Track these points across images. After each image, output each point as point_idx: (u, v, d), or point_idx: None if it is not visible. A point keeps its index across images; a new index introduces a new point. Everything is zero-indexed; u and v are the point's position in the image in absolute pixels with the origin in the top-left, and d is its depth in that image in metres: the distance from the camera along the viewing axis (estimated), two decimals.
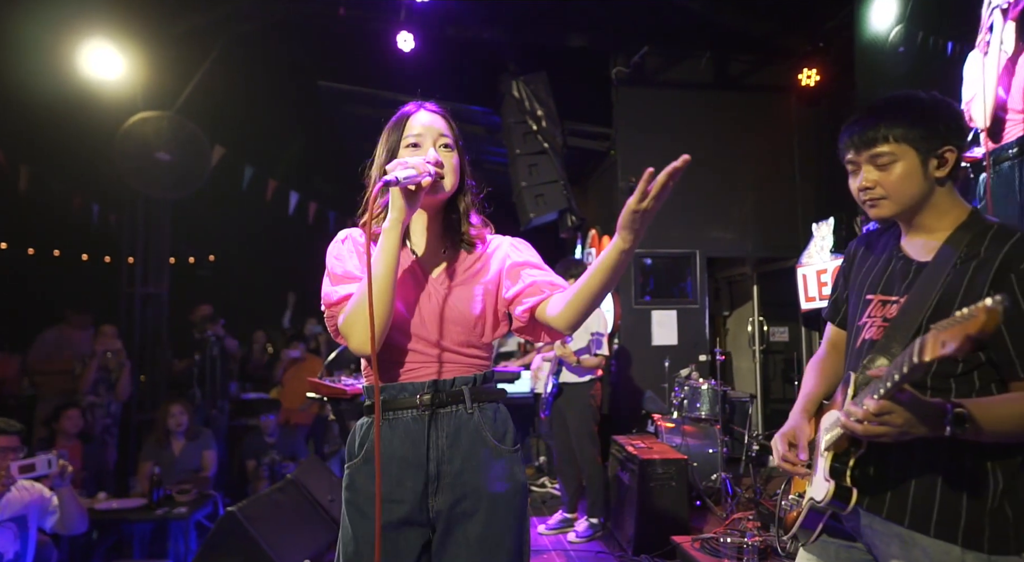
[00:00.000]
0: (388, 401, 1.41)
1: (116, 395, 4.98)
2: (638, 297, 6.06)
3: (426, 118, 1.48)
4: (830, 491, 1.35)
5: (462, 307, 1.46)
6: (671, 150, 5.79)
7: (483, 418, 1.43)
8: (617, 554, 3.82)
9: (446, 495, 1.39)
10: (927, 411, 1.19)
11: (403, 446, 1.39)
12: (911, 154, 1.34)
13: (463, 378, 1.44)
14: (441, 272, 1.50)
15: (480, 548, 1.37)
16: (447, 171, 1.45)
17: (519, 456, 1.47)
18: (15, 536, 2.91)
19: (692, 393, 4.79)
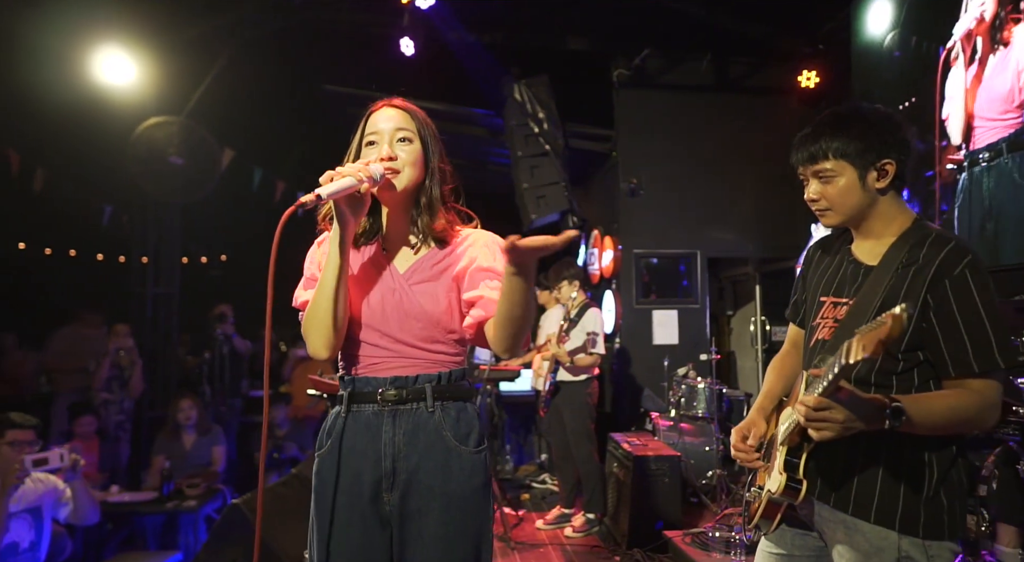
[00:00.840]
0: (354, 394, 1.46)
1: (129, 392, 5.14)
2: (639, 297, 6.13)
3: (385, 114, 1.50)
4: (781, 484, 1.44)
5: (425, 303, 1.45)
6: (672, 151, 5.94)
7: (444, 417, 1.43)
8: (612, 548, 3.91)
9: (400, 491, 1.41)
10: (866, 407, 1.28)
11: (363, 440, 1.42)
12: (849, 169, 1.43)
13: (427, 375, 1.44)
14: (409, 267, 1.49)
15: (435, 547, 1.38)
16: (404, 164, 1.45)
17: (482, 457, 1.47)
18: (30, 526, 3.05)
19: (689, 392, 4.87)
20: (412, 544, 1.41)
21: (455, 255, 1.51)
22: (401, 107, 1.53)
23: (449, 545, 1.39)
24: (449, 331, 1.48)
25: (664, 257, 6.28)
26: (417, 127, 1.51)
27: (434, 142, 1.53)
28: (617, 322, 6.15)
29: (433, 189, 1.50)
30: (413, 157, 1.47)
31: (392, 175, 1.44)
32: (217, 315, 5.76)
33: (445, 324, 1.47)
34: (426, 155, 1.49)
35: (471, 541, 1.42)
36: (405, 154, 1.47)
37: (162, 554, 3.92)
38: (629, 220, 6.13)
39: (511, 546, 3.94)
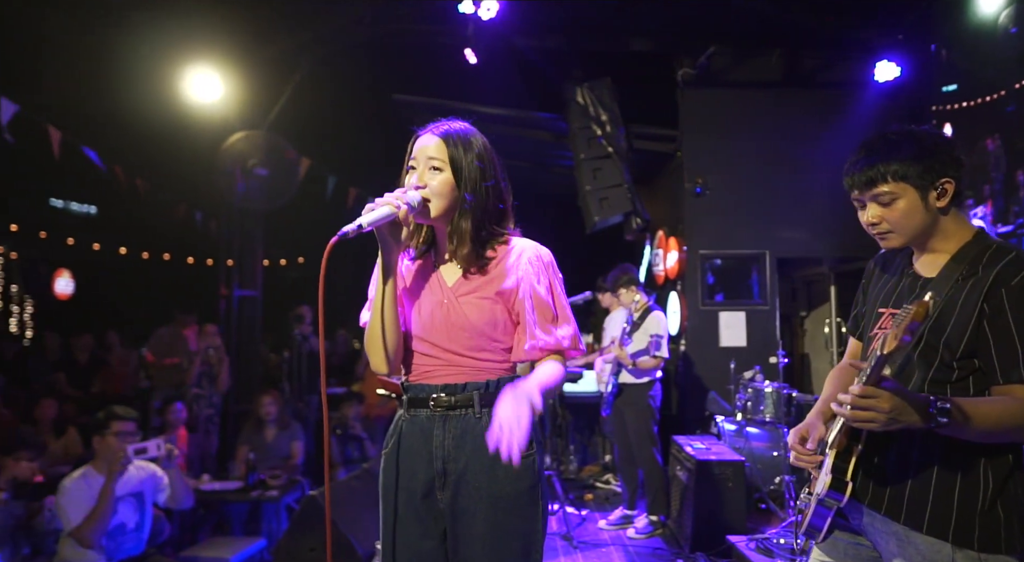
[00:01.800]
0: (411, 399, 1.58)
1: (217, 387, 5.53)
2: (705, 298, 6.06)
3: (422, 142, 1.55)
4: (827, 483, 1.46)
5: (470, 315, 1.53)
6: (739, 149, 5.89)
7: (491, 422, 1.49)
8: (674, 551, 3.92)
9: (451, 492, 1.51)
10: (912, 401, 1.29)
11: (418, 442, 1.54)
12: (910, 191, 1.43)
13: (474, 383, 1.53)
14: (456, 281, 1.57)
15: (482, 546, 1.47)
16: (432, 195, 1.50)
17: (530, 460, 1.52)
18: (135, 509, 3.36)
19: (756, 395, 4.79)
20: (463, 541, 1.51)
21: (501, 269, 1.57)
22: (437, 135, 1.54)
23: (496, 544, 1.48)
24: (495, 341, 1.56)
25: (731, 258, 6.17)
26: (450, 156, 1.52)
27: (471, 170, 1.53)
28: (682, 324, 6.10)
29: (462, 221, 1.53)
30: (441, 187, 1.51)
31: (429, 203, 1.51)
32: (295, 316, 6.10)
33: (490, 335, 1.55)
34: (458, 183, 1.52)
35: (519, 541, 1.50)
36: (436, 183, 1.51)
37: (247, 540, 4.21)
38: (694, 220, 6.07)
39: (573, 545, 4.01)
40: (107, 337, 7.27)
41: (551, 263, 1.60)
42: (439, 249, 1.62)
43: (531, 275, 1.55)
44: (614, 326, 4.58)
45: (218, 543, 4.14)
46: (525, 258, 1.57)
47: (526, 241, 1.62)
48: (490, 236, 1.58)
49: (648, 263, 7.23)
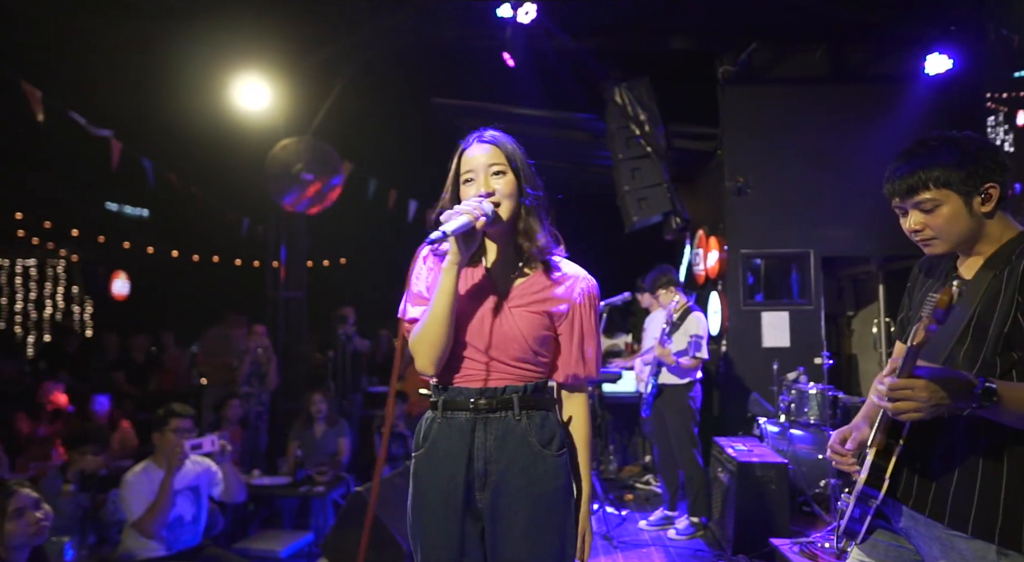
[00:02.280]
0: (447, 401, 1.61)
1: (266, 386, 5.71)
2: (747, 298, 5.99)
3: (476, 151, 1.59)
4: (863, 478, 1.46)
5: (522, 327, 1.58)
6: (781, 147, 5.81)
7: (530, 424, 1.57)
8: (716, 553, 3.90)
9: (492, 491, 1.56)
10: (952, 383, 1.29)
11: (456, 444, 1.57)
12: (953, 197, 1.42)
13: (513, 387, 1.58)
14: (510, 291, 1.62)
15: (524, 542, 1.53)
16: (501, 198, 1.56)
17: (564, 460, 1.61)
18: (192, 502, 3.52)
19: (799, 397, 4.72)
20: (503, 539, 1.56)
21: (555, 293, 1.62)
22: (489, 142, 1.61)
23: (537, 540, 1.54)
24: (538, 354, 1.61)
25: (773, 257, 6.08)
26: (508, 158, 1.59)
27: (525, 168, 1.62)
28: (723, 324, 6.04)
29: (529, 215, 1.61)
30: (509, 189, 1.58)
31: (499, 208, 1.56)
32: (339, 317, 6.25)
33: (536, 349, 1.60)
34: (519, 184, 1.59)
35: (556, 535, 1.57)
36: (501, 186, 1.57)
37: (296, 533, 4.35)
38: (735, 219, 6.00)
39: (614, 545, 4.03)
40: (162, 337, 7.58)
41: (597, 295, 1.69)
42: (491, 259, 1.66)
43: (584, 308, 1.64)
44: (654, 326, 4.58)
45: (269, 536, 4.29)
46: (579, 289, 1.65)
47: (576, 268, 1.69)
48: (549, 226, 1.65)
49: (688, 263, 7.17)
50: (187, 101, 5.87)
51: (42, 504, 2.27)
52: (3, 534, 2.17)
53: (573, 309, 1.63)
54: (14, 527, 2.19)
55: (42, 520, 2.24)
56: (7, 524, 2.18)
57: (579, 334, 1.63)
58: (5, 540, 2.17)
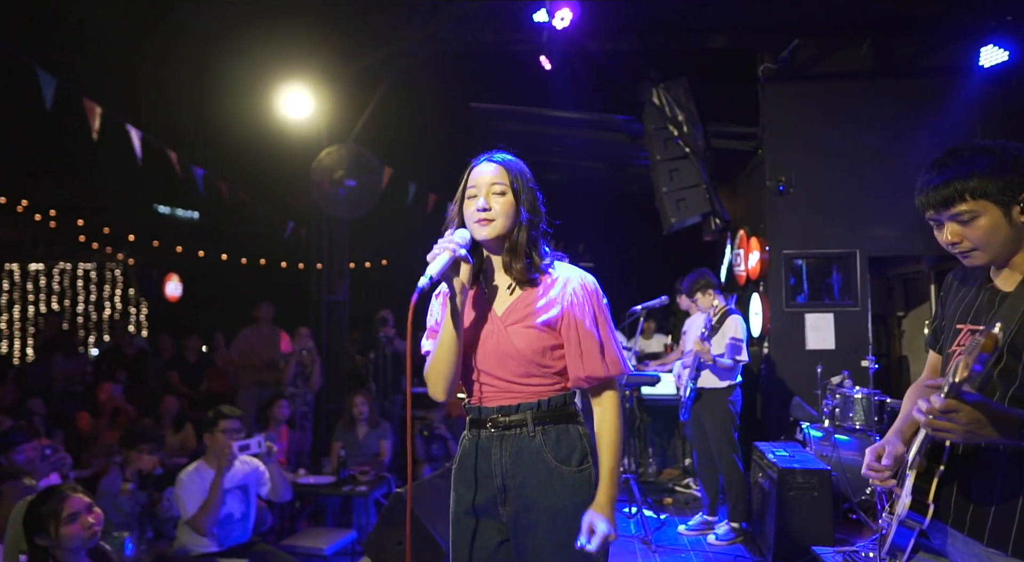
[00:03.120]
0: (472, 421, 1.69)
1: (310, 387, 5.87)
2: (789, 300, 5.88)
3: (483, 169, 1.66)
4: (907, 504, 1.44)
5: (518, 344, 1.61)
6: (825, 145, 5.70)
7: (545, 440, 1.61)
8: (756, 559, 3.86)
9: (512, 506, 1.62)
10: (1001, 418, 1.27)
11: (481, 461, 1.65)
12: (991, 208, 1.39)
13: (527, 404, 1.61)
14: (506, 309, 1.66)
15: (546, 556, 1.56)
16: (496, 214, 1.61)
17: (586, 474, 1.62)
18: (241, 500, 3.66)
19: (844, 401, 4.62)
20: (526, 554, 1.60)
21: (548, 299, 1.65)
22: (497, 163, 1.68)
23: (558, 556, 1.56)
24: (544, 366, 1.64)
25: (817, 257, 5.95)
26: (511, 180, 1.65)
27: (526, 192, 1.67)
28: (765, 326, 5.94)
29: (520, 235, 1.65)
30: (505, 208, 1.63)
31: (486, 224, 1.62)
32: (380, 319, 6.38)
33: (538, 362, 1.63)
34: (517, 205, 1.65)
35: (580, 552, 1.56)
36: (498, 205, 1.63)
37: (340, 531, 4.47)
38: (777, 219, 5.90)
39: (652, 549, 4.03)
40: (214, 338, 7.85)
41: (595, 292, 1.68)
42: (489, 277, 1.72)
43: (576, 306, 1.63)
44: (694, 329, 4.55)
45: (314, 534, 4.42)
46: (570, 289, 1.65)
47: (571, 269, 1.72)
48: (542, 248, 1.70)
49: (729, 264, 7.08)
50: (236, 112, 6.09)
51: (94, 507, 2.38)
52: (60, 538, 2.29)
53: (565, 311, 1.63)
54: (69, 531, 2.29)
55: (94, 524, 2.35)
56: (63, 528, 2.29)
57: (575, 334, 1.62)
58: (62, 544, 2.29)
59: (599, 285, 1.71)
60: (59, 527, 2.28)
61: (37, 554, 2.28)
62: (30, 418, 4.74)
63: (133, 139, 4.34)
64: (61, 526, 2.28)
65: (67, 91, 3.87)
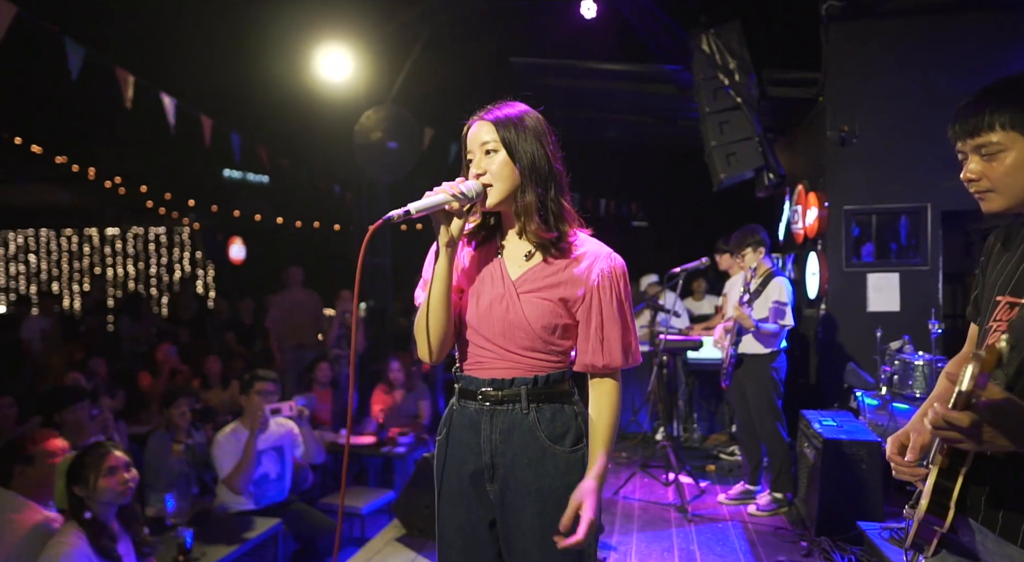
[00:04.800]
0: (461, 390, 1.57)
1: None
2: (850, 259, 5.50)
3: (473, 131, 1.52)
4: (924, 505, 1.28)
5: (529, 315, 1.48)
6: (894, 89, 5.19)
7: (539, 418, 1.50)
8: (798, 532, 3.69)
9: (500, 485, 1.52)
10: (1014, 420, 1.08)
11: (467, 433, 1.54)
12: (1021, 142, 1.19)
13: (522, 378, 1.50)
14: (520, 275, 1.52)
15: (533, 540, 1.47)
16: (492, 179, 1.47)
17: (579, 456, 1.51)
18: (276, 461, 3.76)
19: (904, 368, 4.31)
20: (514, 534, 1.52)
21: (569, 274, 1.51)
22: (487, 119, 1.51)
23: (546, 538, 1.46)
24: (550, 344, 1.51)
25: (883, 213, 5.52)
26: (501, 135, 1.48)
27: (527, 144, 1.48)
28: (822, 287, 5.60)
29: (526, 196, 1.49)
30: (499, 169, 1.48)
31: (489, 189, 1.49)
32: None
33: (546, 338, 1.50)
34: (516, 161, 1.48)
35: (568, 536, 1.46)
36: (493, 166, 1.48)
37: (379, 491, 4.57)
38: (838, 172, 5.48)
39: (688, 518, 3.91)
40: (266, 300, 8.08)
41: (624, 275, 1.54)
42: (503, 237, 1.59)
43: (603, 289, 1.50)
44: (734, 291, 4.31)
45: (354, 492, 4.52)
46: (597, 269, 1.51)
47: (598, 246, 1.56)
48: (558, 208, 1.52)
49: (787, 221, 6.69)
50: (274, 75, 6.08)
51: (131, 467, 2.47)
52: (96, 490, 2.38)
53: (590, 292, 1.50)
54: (106, 484, 2.40)
55: (129, 481, 2.44)
56: (100, 480, 2.39)
57: (598, 319, 1.50)
58: (97, 496, 2.39)
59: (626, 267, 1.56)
60: (98, 479, 2.38)
61: (75, 503, 2.38)
62: (90, 378, 5.00)
63: (167, 107, 4.37)
64: (100, 478, 2.38)
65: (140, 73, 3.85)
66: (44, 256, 14.65)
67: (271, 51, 5.84)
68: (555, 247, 1.52)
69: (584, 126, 7.64)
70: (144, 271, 14.18)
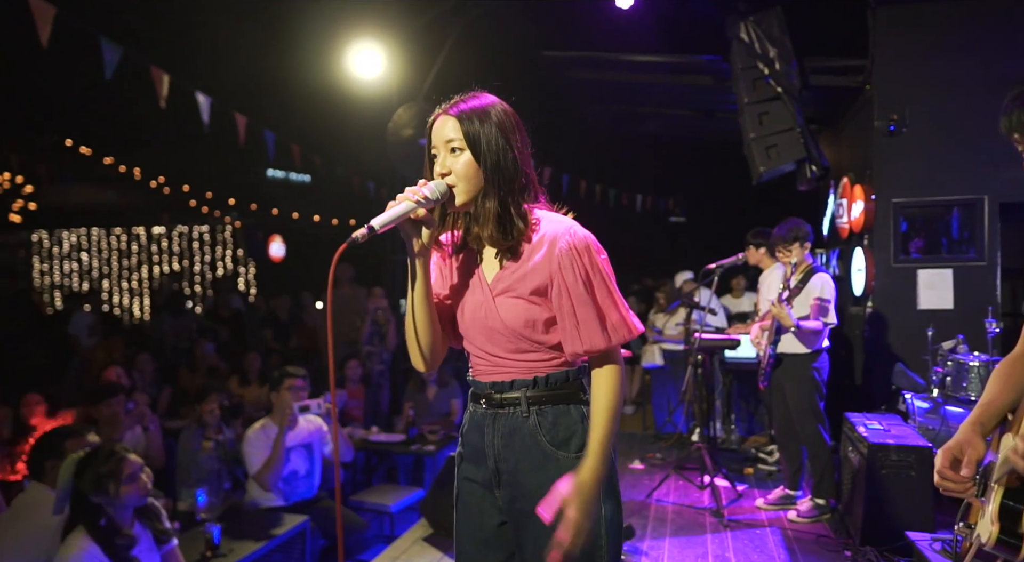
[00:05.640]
0: (472, 394, 1.54)
1: (386, 346, 5.96)
2: (899, 254, 5.24)
3: (437, 126, 1.42)
4: (993, 536, 1.16)
5: (505, 318, 1.43)
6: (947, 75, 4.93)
7: (540, 422, 1.43)
8: (841, 541, 3.52)
9: (506, 491, 1.47)
10: None
11: (476, 438, 1.51)
12: None
13: (522, 381, 1.44)
14: (494, 278, 1.46)
15: (544, 547, 1.38)
16: (457, 179, 1.38)
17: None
18: (305, 458, 3.76)
19: (957, 369, 4.08)
20: (524, 541, 1.47)
21: (532, 263, 1.42)
22: (451, 114, 1.41)
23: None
24: (536, 342, 1.44)
25: (934, 206, 5.25)
26: (466, 132, 1.38)
27: (490, 142, 1.38)
28: (869, 284, 5.36)
29: (486, 202, 1.39)
30: (464, 169, 1.38)
31: (455, 189, 1.39)
32: None
33: (529, 336, 1.44)
34: (480, 161, 1.38)
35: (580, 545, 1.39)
36: (458, 166, 1.38)
37: (409, 489, 4.55)
38: (886, 164, 5.23)
39: (723, 523, 3.77)
40: (302, 297, 8.19)
41: (587, 247, 1.41)
42: (484, 246, 1.50)
43: (565, 269, 1.39)
44: (770, 288, 4.14)
45: (384, 490, 4.52)
46: (556, 250, 1.40)
47: (556, 224, 1.44)
48: (518, 215, 1.42)
49: (831, 215, 6.43)
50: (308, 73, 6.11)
51: (145, 467, 2.48)
52: (119, 496, 2.39)
53: (554, 275, 1.40)
54: (128, 490, 2.41)
55: (147, 483, 2.45)
56: (122, 488, 2.40)
57: (568, 303, 1.39)
58: (120, 502, 2.39)
59: (593, 237, 1.44)
60: (119, 487, 2.38)
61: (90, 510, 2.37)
62: (131, 373, 5.11)
63: (202, 105, 4.42)
64: (121, 486, 2.39)
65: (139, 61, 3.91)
66: (95, 254, 15.17)
67: (304, 49, 5.86)
68: (523, 242, 1.44)
69: (619, 120, 7.50)
70: (188, 268, 14.55)
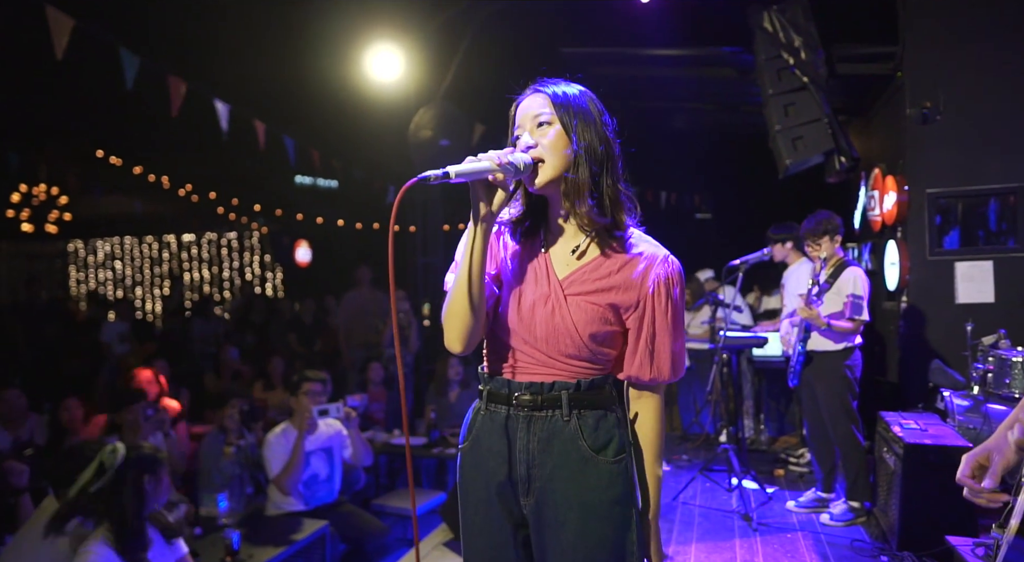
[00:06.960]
0: (491, 393, 1.43)
1: (408, 348, 5.94)
2: (935, 247, 5.05)
3: (525, 104, 1.40)
4: (1014, 526, 1.07)
5: (577, 320, 1.36)
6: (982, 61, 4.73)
7: (581, 426, 1.37)
8: (878, 545, 3.38)
9: (536, 498, 1.39)
10: None
11: (498, 442, 1.40)
12: None
13: (563, 383, 1.37)
14: (568, 274, 1.39)
15: (573, 556, 1.34)
16: (543, 152, 1.33)
17: (622, 466, 1.39)
18: (325, 462, 3.74)
19: (1000, 365, 3.89)
20: (551, 552, 1.38)
21: (623, 277, 1.38)
22: (539, 90, 1.41)
23: (587, 555, 1.35)
24: (596, 353, 1.39)
25: (971, 196, 5.04)
26: (556, 107, 1.36)
27: (583, 120, 1.36)
28: (903, 278, 5.17)
29: (580, 173, 1.34)
30: (554, 141, 1.34)
31: (540, 164, 1.35)
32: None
33: (592, 347, 1.38)
34: (571, 137, 1.35)
35: (611, 552, 1.36)
36: (547, 138, 1.34)
37: (431, 493, 4.51)
38: (919, 153, 5.04)
39: (753, 526, 3.65)
40: (325, 300, 8.22)
41: (680, 282, 1.41)
42: (550, 228, 1.44)
43: (659, 298, 1.38)
44: (796, 283, 4.01)
45: (404, 494, 4.48)
46: (654, 274, 1.38)
47: (655, 247, 1.42)
48: (614, 195, 1.38)
49: (863, 207, 6.23)
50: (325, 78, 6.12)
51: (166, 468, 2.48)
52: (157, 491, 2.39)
53: (644, 300, 1.38)
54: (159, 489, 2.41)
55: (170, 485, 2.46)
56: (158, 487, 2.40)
57: (650, 330, 1.38)
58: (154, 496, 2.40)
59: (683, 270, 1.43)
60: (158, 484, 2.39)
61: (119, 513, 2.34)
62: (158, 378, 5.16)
63: (220, 112, 4.44)
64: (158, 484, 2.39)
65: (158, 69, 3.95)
66: (128, 262, 15.50)
67: (321, 54, 5.87)
68: (609, 241, 1.38)
69: (640, 116, 7.38)
70: (218, 275, 14.78)
